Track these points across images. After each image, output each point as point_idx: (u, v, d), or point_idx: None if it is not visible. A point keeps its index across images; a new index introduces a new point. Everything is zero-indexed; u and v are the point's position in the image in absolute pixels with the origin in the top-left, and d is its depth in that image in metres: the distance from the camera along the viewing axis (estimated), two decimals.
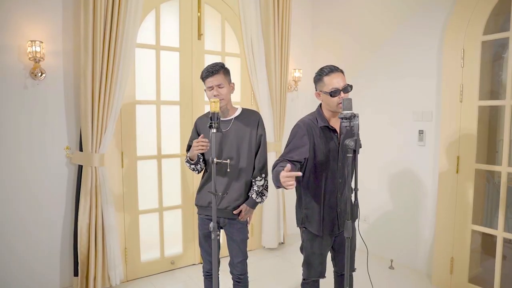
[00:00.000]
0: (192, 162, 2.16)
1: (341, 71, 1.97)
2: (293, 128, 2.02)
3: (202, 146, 1.99)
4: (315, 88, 2.03)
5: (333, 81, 1.91)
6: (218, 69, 2.06)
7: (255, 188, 2.16)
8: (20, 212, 2.70)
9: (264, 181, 2.18)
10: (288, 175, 1.58)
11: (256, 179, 2.16)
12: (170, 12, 3.35)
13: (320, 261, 2.10)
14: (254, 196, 2.15)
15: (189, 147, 2.22)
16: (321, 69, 1.97)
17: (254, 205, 2.16)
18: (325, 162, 2.00)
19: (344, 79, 1.94)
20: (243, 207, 2.14)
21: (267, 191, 2.21)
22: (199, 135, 2.15)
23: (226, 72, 2.12)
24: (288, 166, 1.61)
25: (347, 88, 1.91)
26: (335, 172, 2.00)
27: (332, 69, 1.94)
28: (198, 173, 2.25)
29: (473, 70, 2.75)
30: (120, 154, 3.04)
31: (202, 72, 2.09)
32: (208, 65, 2.09)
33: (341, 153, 1.98)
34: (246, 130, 2.13)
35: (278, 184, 1.68)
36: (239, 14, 3.62)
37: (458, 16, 2.80)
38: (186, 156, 2.19)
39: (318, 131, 1.99)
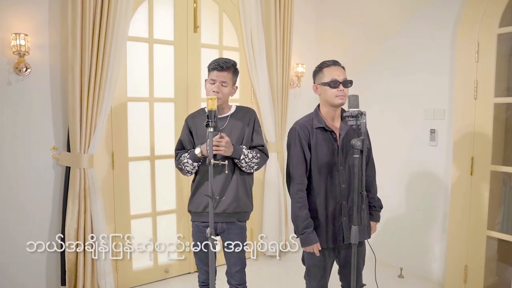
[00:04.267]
0: (194, 163, 2.12)
1: (343, 67, 2.01)
2: (288, 133, 2.07)
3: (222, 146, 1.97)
4: (314, 81, 2.06)
5: (333, 73, 1.95)
6: (229, 66, 2.09)
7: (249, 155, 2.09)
8: (2, 217, 2.68)
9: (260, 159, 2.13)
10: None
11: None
12: (164, 3, 3.34)
13: (322, 274, 2.09)
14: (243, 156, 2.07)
15: (181, 146, 2.23)
16: (322, 62, 2.03)
17: (238, 152, 2.07)
18: (324, 166, 1.99)
19: (345, 74, 1.98)
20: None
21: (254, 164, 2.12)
22: (191, 134, 2.16)
23: (235, 72, 2.15)
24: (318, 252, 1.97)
25: (347, 83, 1.95)
26: (336, 177, 1.98)
27: (334, 62, 1.99)
28: (190, 175, 2.24)
29: (488, 65, 2.74)
30: (110, 154, 3.03)
31: (212, 63, 2.12)
32: (221, 58, 2.13)
33: (342, 156, 1.97)
34: (241, 128, 2.14)
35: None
36: (238, 5, 3.61)
37: (472, 7, 2.79)
38: (184, 157, 2.14)
39: (314, 133, 2.00)
